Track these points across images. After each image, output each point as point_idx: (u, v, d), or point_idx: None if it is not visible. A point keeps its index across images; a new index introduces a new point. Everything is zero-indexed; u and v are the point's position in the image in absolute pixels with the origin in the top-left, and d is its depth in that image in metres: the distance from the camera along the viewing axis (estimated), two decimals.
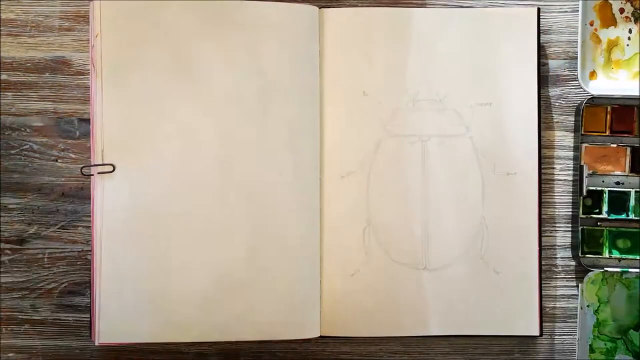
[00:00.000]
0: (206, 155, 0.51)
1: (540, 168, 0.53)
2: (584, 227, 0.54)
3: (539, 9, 0.53)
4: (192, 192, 0.50)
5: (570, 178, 0.54)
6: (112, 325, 0.50)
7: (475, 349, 0.54)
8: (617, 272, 0.53)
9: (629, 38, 0.54)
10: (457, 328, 0.52)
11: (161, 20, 0.50)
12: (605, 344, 0.53)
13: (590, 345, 0.53)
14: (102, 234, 0.50)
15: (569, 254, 0.54)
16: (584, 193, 0.53)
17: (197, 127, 0.51)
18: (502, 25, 0.53)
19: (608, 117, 0.54)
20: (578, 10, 0.53)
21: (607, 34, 0.54)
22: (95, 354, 0.53)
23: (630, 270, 0.53)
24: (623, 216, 0.54)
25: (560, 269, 0.54)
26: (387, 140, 0.53)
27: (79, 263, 0.53)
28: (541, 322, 0.52)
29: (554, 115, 0.54)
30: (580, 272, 0.54)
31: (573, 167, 0.54)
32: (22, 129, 0.53)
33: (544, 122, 0.54)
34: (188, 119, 0.51)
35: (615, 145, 0.54)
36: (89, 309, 0.52)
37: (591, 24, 0.54)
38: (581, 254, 0.53)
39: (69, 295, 0.53)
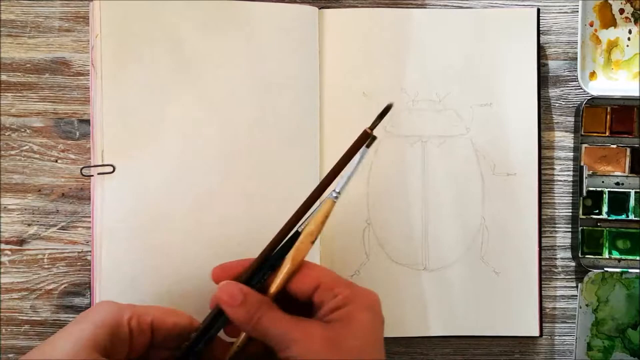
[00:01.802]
0: (206, 156, 0.51)
1: (540, 169, 0.53)
2: (584, 227, 0.54)
3: (538, 10, 0.53)
4: (192, 192, 0.50)
5: (570, 179, 0.54)
6: None
7: (475, 349, 0.54)
8: (616, 272, 0.53)
9: (628, 39, 0.54)
10: (457, 329, 0.52)
11: (161, 21, 0.50)
12: (603, 342, 0.53)
13: (588, 344, 0.53)
14: (102, 235, 0.50)
15: (568, 254, 0.54)
16: (584, 194, 0.53)
17: (197, 127, 0.51)
18: (502, 26, 0.53)
19: (608, 117, 0.54)
20: (578, 11, 0.53)
21: (607, 35, 0.54)
22: None
23: (630, 270, 0.53)
24: (623, 217, 0.54)
25: (560, 269, 0.54)
26: (387, 141, 0.53)
27: (78, 264, 0.53)
28: (541, 322, 0.52)
29: (553, 115, 0.55)
30: (580, 273, 0.54)
31: (573, 167, 0.54)
32: (22, 130, 0.53)
33: (544, 122, 0.54)
34: (188, 119, 0.50)
35: (615, 146, 0.54)
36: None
37: (591, 25, 0.54)
38: (581, 254, 0.54)
39: (69, 296, 0.53)
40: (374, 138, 0.41)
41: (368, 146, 0.41)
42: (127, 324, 0.39)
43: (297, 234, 0.41)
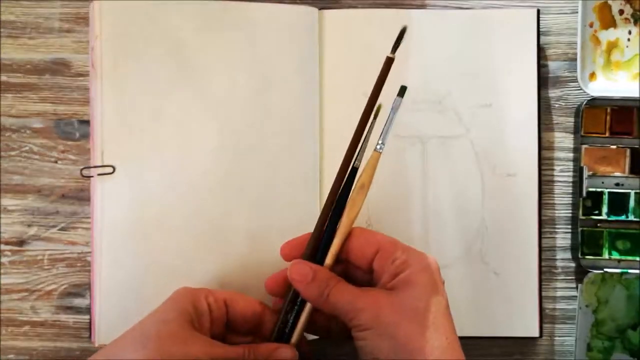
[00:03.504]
0: (206, 157, 0.51)
1: (540, 169, 0.53)
2: (584, 228, 0.54)
3: (538, 11, 0.53)
4: (192, 193, 0.50)
5: (570, 179, 0.54)
6: (112, 326, 0.50)
7: (475, 350, 0.54)
8: (616, 273, 0.53)
9: (628, 39, 0.54)
10: (457, 329, 0.52)
11: (161, 22, 0.50)
12: (603, 343, 0.53)
13: (588, 344, 0.53)
14: (102, 236, 0.49)
15: (568, 255, 0.54)
16: (584, 194, 0.53)
17: (197, 128, 0.51)
18: (501, 27, 0.53)
19: (608, 118, 0.54)
20: (577, 12, 0.53)
21: (607, 36, 0.54)
22: None
23: (630, 271, 0.53)
24: (623, 217, 0.54)
25: (560, 270, 0.54)
26: (387, 142, 0.53)
27: (78, 264, 0.53)
28: (541, 323, 0.52)
29: (553, 116, 0.55)
30: (580, 274, 0.54)
31: (573, 168, 0.54)
32: (22, 131, 0.53)
33: (544, 123, 0.54)
34: (188, 120, 0.50)
35: (615, 147, 0.54)
36: (88, 310, 0.52)
37: (591, 26, 0.54)
38: (581, 255, 0.54)
39: (69, 296, 0.53)
40: (405, 88, 0.44)
41: (401, 96, 0.44)
42: (204, 299, 0.43)
43: (343, 202, 0.44)
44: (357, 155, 0.44)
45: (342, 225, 0.43)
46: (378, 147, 0.44)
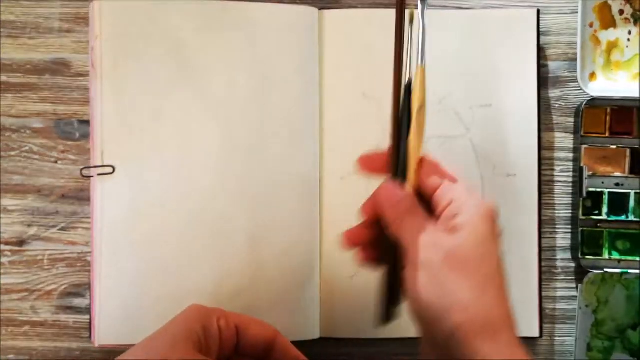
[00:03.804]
0: (206, 157, 0.51)
1: (540, 169, 0.53)
2: (584, 228, 0.54)
3: (538, 11, 0.53)
4: (192, 193, 0.50)
5: (570, 179, 0.54)
6: (112, 326, 0.50)
7: None
8: (616, 273, 0.53)
9: (628, 40, 0.54)
10: None
11: (161, 21, 0.50)
12: (602, 343, 0.53)
13: (588, 344, 0.53)
14: (101, 236, 0.50)
15: (568, 255, 0.54)
16: (584, 194, 0.53)
17: (197, 128, 0.51)
18: (501, 27, 0.53)
19: (608, 118, 0.54)
20: (577, 12, 0.53)
21: (607, 36, 0.54)
22: (95, 356, 0.53)
23: (630, 271, 0.53)
24: (623, 217, 0.54)
25: (560, 270, 0.54)
26: (387, 141, 0.53)
27: (78, 265, 0.53)
28: (541, 323, 0.52)
29: (553, 116, 0.55)
30: (580, 274, 0.54)
31: (573, 168, 0.54)
32: (22, 131, 0.53)
33: (544, 123, 0.54)
34: (188, 120, 0.50)
35: (615, 147, 0.54)
36: (88, 310, 0.52)
37: (591, 26, 0.54)
38: (581, 255, 0.54)
39: (69, 297, 0.53)
40: None
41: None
42: (216, 322, 0.41)
43: (408, 121, 0.42)
44: (408, 69, 0.43)
45: (412, 152, 0.42)
46: (420, 62, 0.43)
